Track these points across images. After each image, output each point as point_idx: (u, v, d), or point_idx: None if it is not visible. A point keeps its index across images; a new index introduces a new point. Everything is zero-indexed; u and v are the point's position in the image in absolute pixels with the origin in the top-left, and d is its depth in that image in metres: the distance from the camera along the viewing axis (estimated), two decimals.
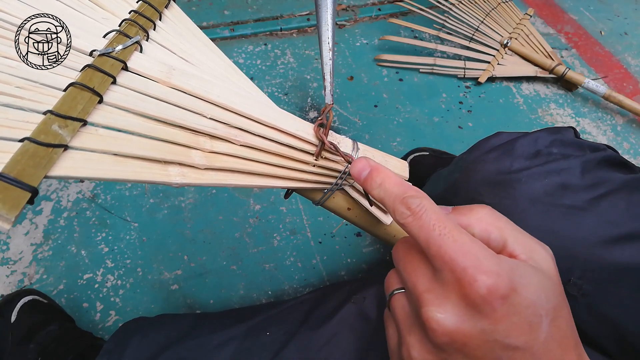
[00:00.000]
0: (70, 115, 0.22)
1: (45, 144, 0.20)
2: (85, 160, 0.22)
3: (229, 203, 0.71)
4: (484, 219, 0.23)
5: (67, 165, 0.21)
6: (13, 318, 0.52)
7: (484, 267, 0.20)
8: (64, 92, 0.23)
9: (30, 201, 0.19)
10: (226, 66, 0.32)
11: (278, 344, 0.36)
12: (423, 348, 0.21)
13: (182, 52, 0.30)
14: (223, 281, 0.63)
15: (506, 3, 1.02)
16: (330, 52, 0.34)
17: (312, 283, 0.64)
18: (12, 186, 0.18)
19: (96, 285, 0.61)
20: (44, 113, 0.22)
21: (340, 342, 0.34)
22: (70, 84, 0.23)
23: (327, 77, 0.34)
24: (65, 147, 0.21)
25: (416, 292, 0.22)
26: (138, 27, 0.29)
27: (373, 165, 0.26)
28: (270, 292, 0.62)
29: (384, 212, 0.34)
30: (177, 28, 0.32)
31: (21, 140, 0.20)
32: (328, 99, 0.33)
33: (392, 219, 0.34)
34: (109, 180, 0.22)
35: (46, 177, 0.20)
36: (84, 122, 0.23)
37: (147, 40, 0.29)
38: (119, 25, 0.28)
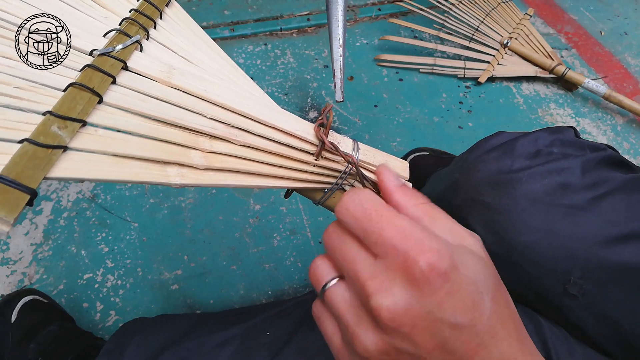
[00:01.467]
0: (70, 116, 0.22)
1: (45, 145, 0.20)
2: (85, 162, 0.21)
3: (229, 203, 0.71)
4: (420, 206, 0.23)
5: (67, 166, 0.21)
6: (13, 318, 0.52)
7: (426, 247, 0.20)
8: (63, 93, 0.23)
9: (29, 203, 0.19)
10: (227, 65, 0.32)
11: (278, 344, 0.36)
12: (377, 338, 0.20)
13: (182, 51, 0.30)
14: (223, 281, 0.63)
15: (506, 3, 1.02)
16: (341, 49, 0.34)
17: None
18: (10, 188, 0.18)
19: (96, 285, 0.61)
20: (43, 114, 0.22)
21: None
22: (70, 84, 0.23)
23: (338, 74, 0.33)
24: (65, 148, 0.21)
25: (359, 280, 0.21)
26: (138, 26, 0.29)
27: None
28: (270, 292, 0.62)
29: None
30: (177, 27, 0.32)
31: (20, 142, 0.20)
32: (338, 96, 0.33)
33: None
34: (108, 182, 0.22)
35: (45, 178, 0.20)
36: (84, 123, 0.22)
37: (147, 39, 0.29)
38: (120, 24, 0.28)
